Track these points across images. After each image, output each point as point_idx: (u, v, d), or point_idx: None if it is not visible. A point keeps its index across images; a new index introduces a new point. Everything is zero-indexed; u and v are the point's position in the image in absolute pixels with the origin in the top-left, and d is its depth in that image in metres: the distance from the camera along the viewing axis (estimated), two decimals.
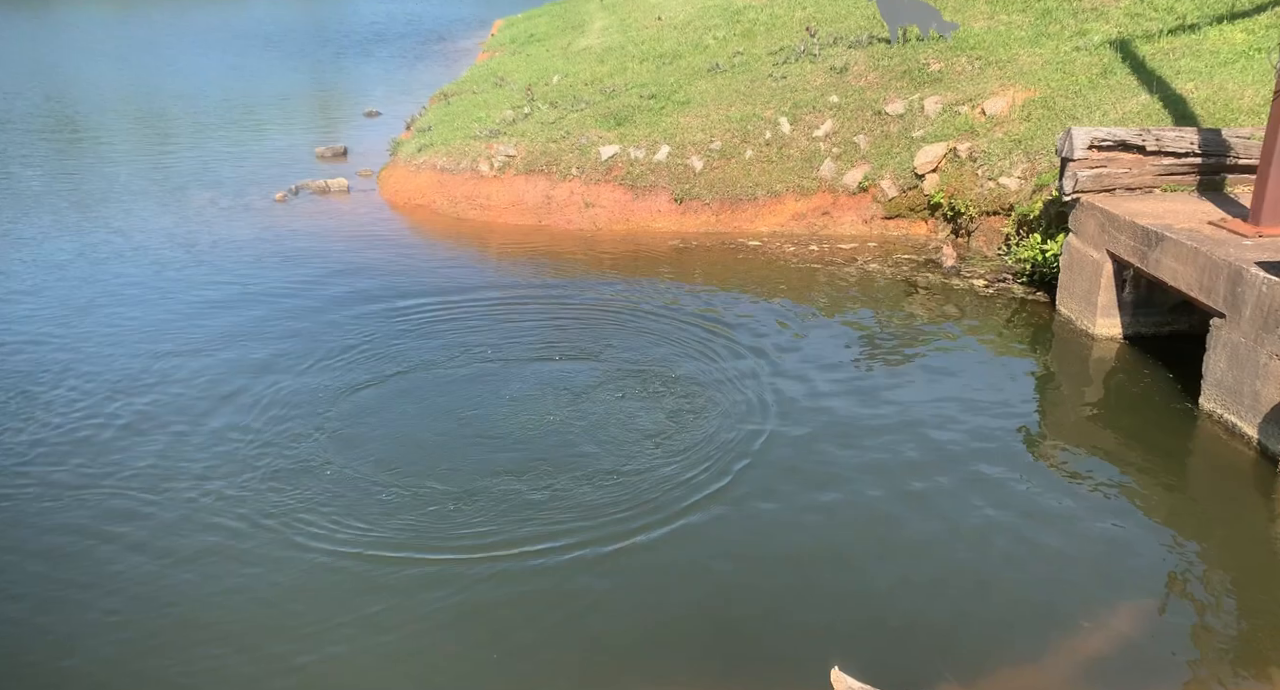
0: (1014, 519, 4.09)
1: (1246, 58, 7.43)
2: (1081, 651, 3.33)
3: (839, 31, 11.15)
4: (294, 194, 10.18)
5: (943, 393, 5.21)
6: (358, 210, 9.70)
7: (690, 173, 9.08)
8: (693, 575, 3.80)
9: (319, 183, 10.42)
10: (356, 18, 31.33)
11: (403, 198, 9.97)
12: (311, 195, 10.21)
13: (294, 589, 3.78)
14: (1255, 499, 4.24)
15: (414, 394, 5.41)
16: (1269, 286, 4.43)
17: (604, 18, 16.52)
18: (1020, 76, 8.70)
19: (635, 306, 6.79)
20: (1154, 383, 5.27)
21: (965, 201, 7.91)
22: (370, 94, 16.79)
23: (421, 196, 9.86)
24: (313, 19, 31.25)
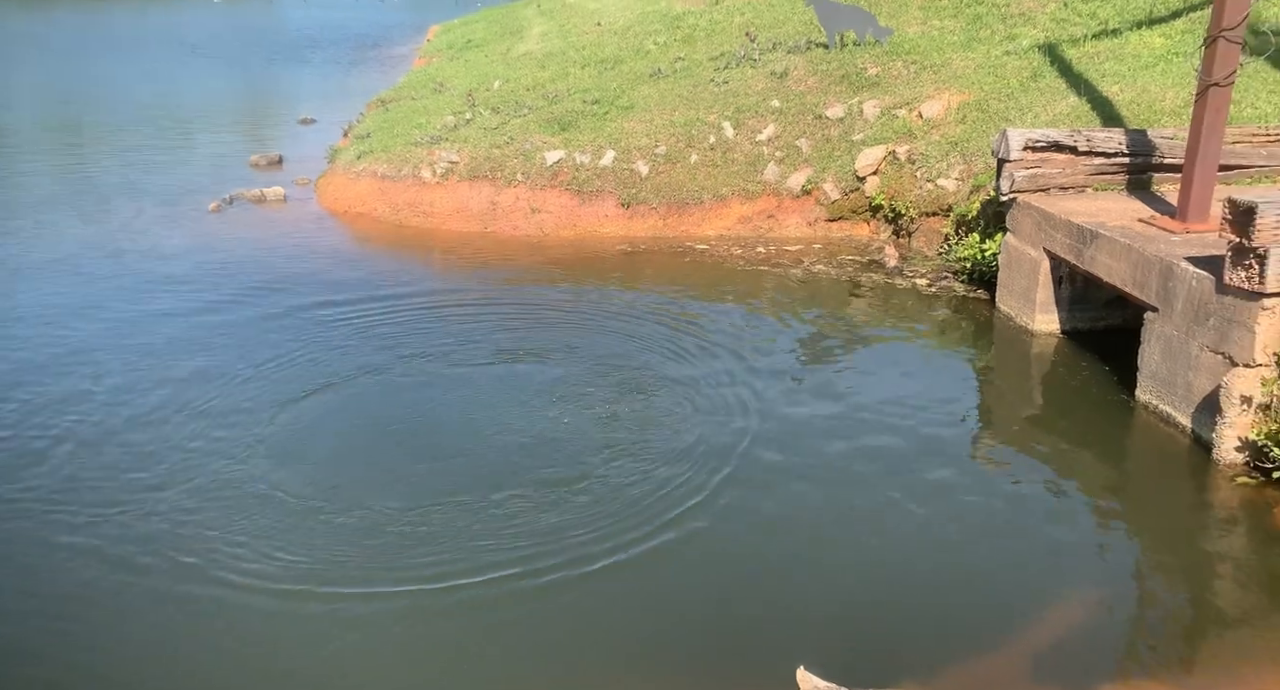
0: (961, 514, 4.17)
1: (1166, 61, 7.76)
2: (1034, 643, 3.40)
3: (778, 37, 11.30)
4: (228, 203, 9.87)
5: (887, 391, 5.30)
6: (296, 219, 9.45)
7: (636, 177, 9.08)
8: (648, 583, 3.77)
9: (254, 192, 10.13)
10: (286, 24, 30.62)
11: (343, 206, 9.75)
12: (247, 204, 9.92)
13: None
14: (1190, 486, 4.41)
15: (358, 405, 5.28)
16: (1198, 281, 4.61)
17: (542, 23, 16.45)
18: (954, 80, 8.94)
19: (584, 312, 6.75)
20: (1092, 376, 5.45)
21: (905, 203, 8.08)
22: (304, 101, 16.40)
23: (362, 204, 9.66)
24: (240, 25, 30.43)
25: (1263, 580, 3.69)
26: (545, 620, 3.57)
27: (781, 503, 4.28)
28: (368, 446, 4.83)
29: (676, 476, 4.48)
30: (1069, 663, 3.31)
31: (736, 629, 3.52)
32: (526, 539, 4.01)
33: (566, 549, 3.94)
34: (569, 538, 4.02)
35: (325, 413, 5.18)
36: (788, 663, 3.26)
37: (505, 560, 3.87)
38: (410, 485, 4.45)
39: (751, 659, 3.36)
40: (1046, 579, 3.73)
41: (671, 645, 3.46)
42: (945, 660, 3.32)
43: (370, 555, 3.93)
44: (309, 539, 4.04)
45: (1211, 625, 3.47)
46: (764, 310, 6.75)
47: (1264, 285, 4.19)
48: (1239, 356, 4.37)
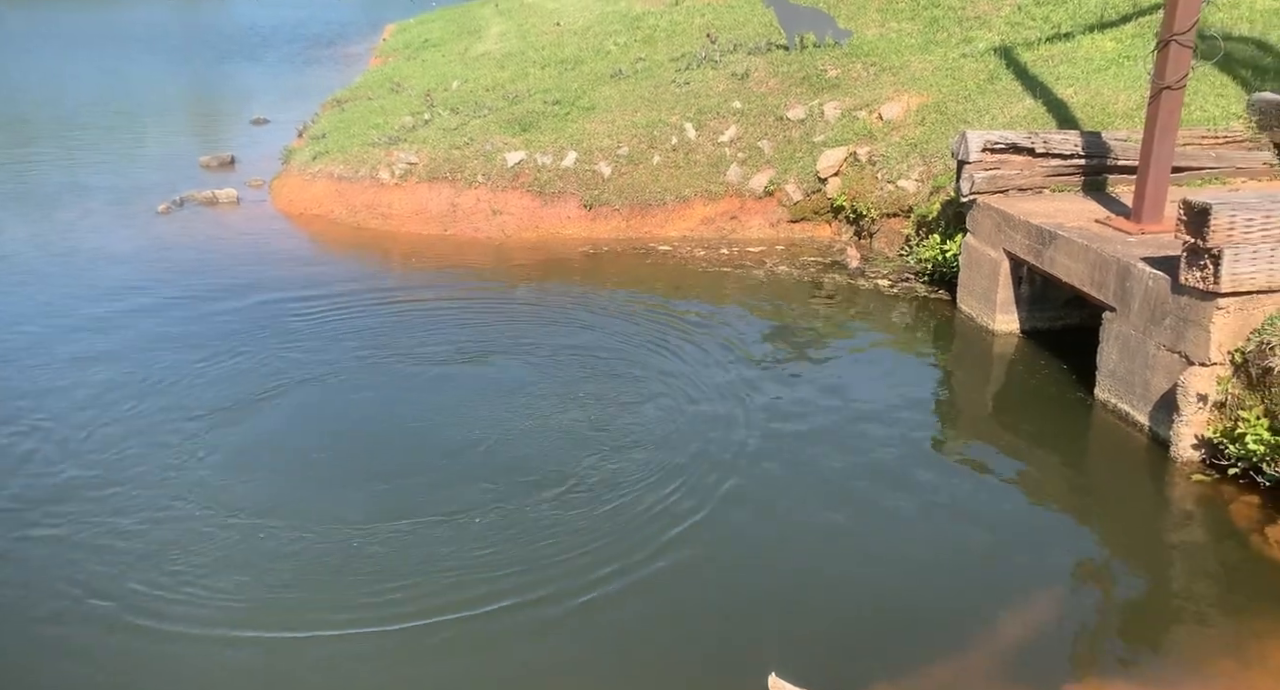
0: (924, 515, 4.18)
1: (1117, 65, 7.91)
2: (1000, 641, 3.41)
3: (738, 38, 11.32)
4: (178, 205, 9.59)
5: (850, 392, 5.31)
6: (250, 221, 9.22)
7: (599, 179, 9.02)
8: (616, 587, 3.71)
9: (206, 193, 9.86)
10: (238, 21, 29.97)
11: (298, 208, 9.54)
12: (198, 206, 9.65)
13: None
14: (1149, 483, 4.47)
15: (307, 415, 5.14)
16: (1155, 280, 4.69)
17: (501, 23, 16.30)
18: (913, 82, 9.02)
19: (546, 315, 6.67)
20: (1052, 375, 5.52)
21: (867, 204, 8.13)
22: (257, 100, 16.05)
23: (318, 206, 9.45)
24: (191, 22, 29.73)
25: (1219, 574, 3.75)
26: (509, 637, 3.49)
27: (741, 506, 4.25)
28: (321, 460, 4.69)
29: (640, 482, 4.42)
30: (1034, 660, 3.33)
31: (704, 635, 3.48)
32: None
33: (534, 565, 3.86)
34: (540, 555, 3.94)
35: (271, 424, 5.02)
36: (758, 668, 3.22)
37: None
38: (370, 504, 4.32)
39: (721, 665, 3.33)
40: (1010, 577, 3.75)
41: (633, 651, 3.40)
42: (913, 661, 3.31)
43: (329, 589, 3.69)
44: (256, 570, 3.79)
45: (1171, 618, 3.52)
46: (726, 312, 6.74)
47: (1218, 285, 4.27)
48: (1195, 355, 4.45)
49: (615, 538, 4.02)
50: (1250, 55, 7.21)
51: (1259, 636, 3.31)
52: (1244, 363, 4.29)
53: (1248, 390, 4.24)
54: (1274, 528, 3.92)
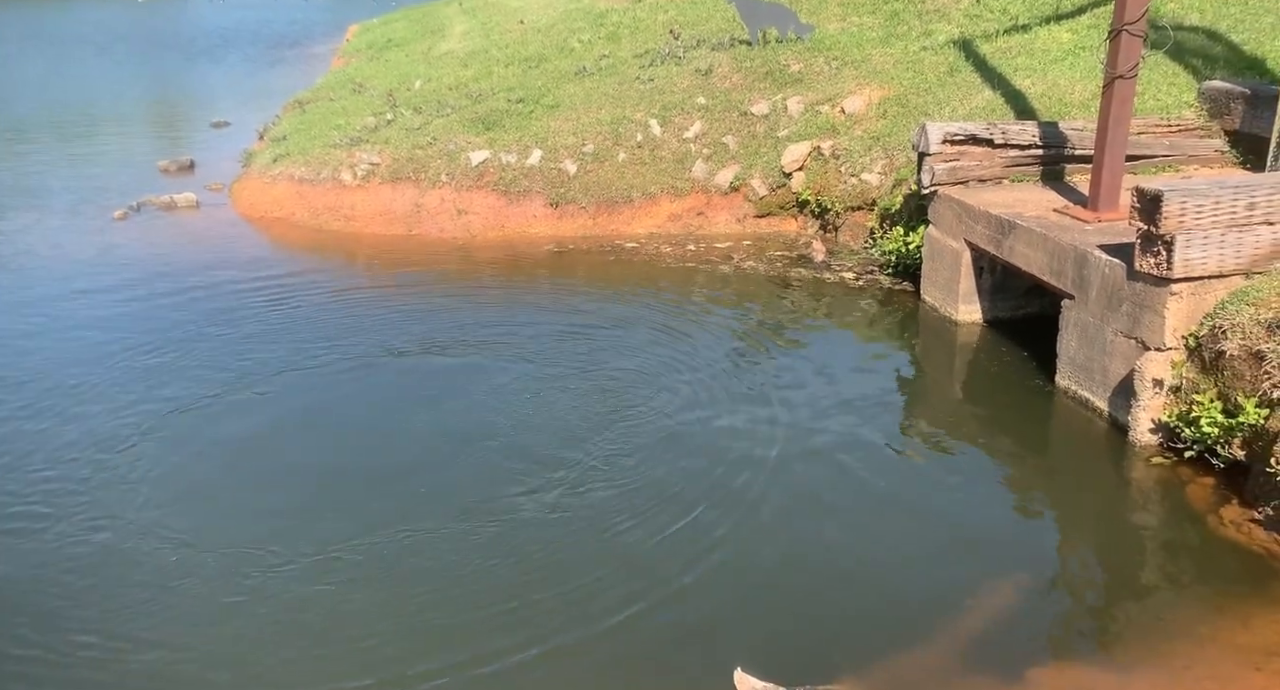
0: (892, 504, 4.20)
1: (1073, 56, 8.01)
2: (967, 629, 3.44)
3: (701, 34, 11.32)
4: (136, 210, 9.42)
5: (815, 385, 5.32)
6: (209, 226, 9.08)
7: (564, 176, 8.98)
8: (579, 585, 3.70)
9: (164, 198, 9.69)
10: (199, 23, 29.49)
11: (259, 211, 9.40)
12: (156, 211, 9.48)
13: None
14: (1109, 468, 4.53)
15: (264, 432, 5.06)
16: (1111, 268, 4.75)
17: (464, 22, 16.18)
18: (875, 76, 9.07)
19: (512, 313, 6.63)
20: (1014, 363, 5.57)
21: (831, 198, 8.16)
22: (217, 103, 15.81)
23: (279, 209, 9.32)
24: (149, 24, 29.19)
25: (1178, 556, 3.81)
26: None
27: (703, 500, 4.25)
28: (276, 483, 4.59)
29: (600, 475, 4.41)
30: (999, 647, 3.35)
31: (668, 631, 3.47)
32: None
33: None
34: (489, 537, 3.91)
35: (220, 439, 4.91)
36: (724, 664, 3.22)
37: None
38: (321, 536, 4.26)
39: (686, 661, 3.32)
40: (975, 564, 3.78)
41: (601, 650, 3.39)
42: (879, 652, 3.33)
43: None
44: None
45: (1132, 602, 3.56)
46: (695, 307, 6.73)
47: (1171, 271, 4.33)
48: (1150, 341, 4.51)
49: (573, 531, 4.00)
50: (1200, 44, 7.33)
51: (1213, 616, 3.36)
52: (1197, 347, 4.36)
53: (1201, 374, 4.31)
54: (1228, 509, 3.98)
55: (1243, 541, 3.77)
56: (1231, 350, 4.12)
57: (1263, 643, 3.19)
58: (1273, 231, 4.37)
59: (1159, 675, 3.12)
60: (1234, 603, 3.41)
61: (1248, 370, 4.04)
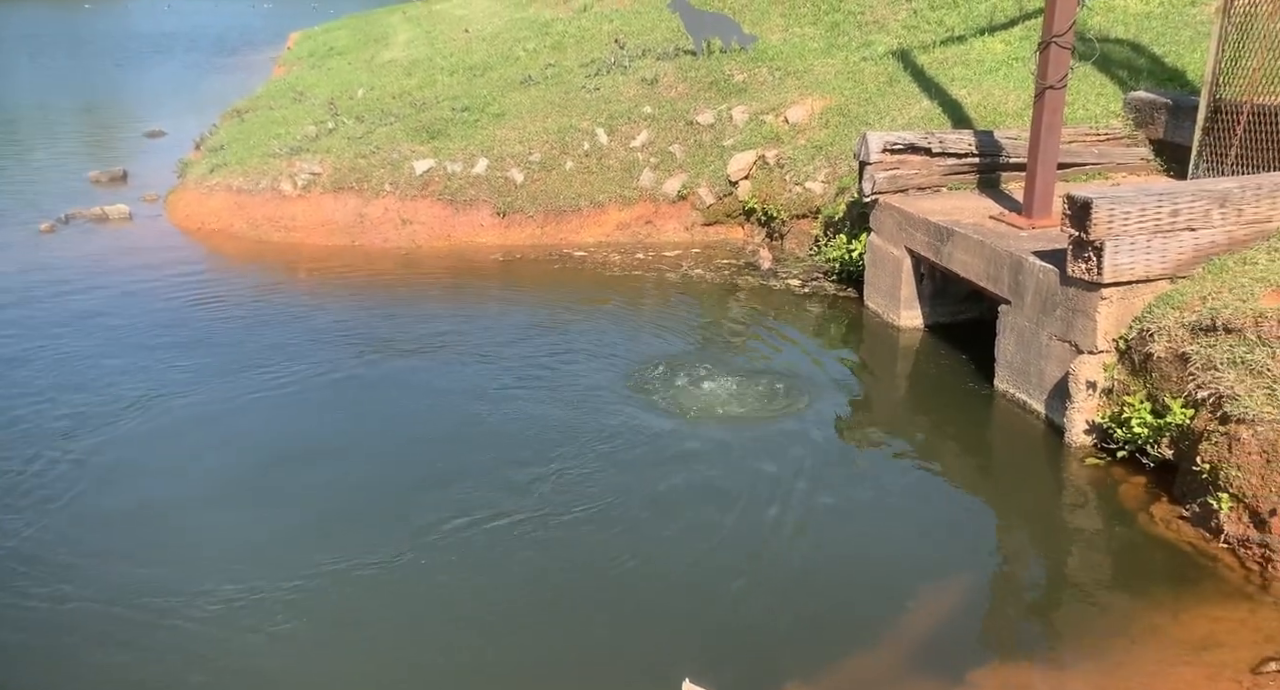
0: (832, 508, 4.24)
1: (1007, 66, 8.24)
2: (911, 632, 3.47)
3: (647, 43, 11.37)
4: (64, 223, 9.10)
5: (758, 391, 5.35)
6: (143, 238, 8.81)
7: (511, 185, 8.92)
8: (520, 599, 3.66)
9: (95, 210, 9.38)
10: (134, 29, 28.68)
11: (195, 223, 9.16)
12: (87, 224, 9.17)
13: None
14: (1046, 468, 4.64)
15: (221, 436, 4.92)
16: (1045, 273, 4.87)
17: (408, 30, 16.02)
18: (817, 86, 9.21)
19: (460, 321, 6.55)
20: (954, 368, 5.68)
21: (776, 206, 8.25)
22: (152, 112, 15.39)
23: (217, 220, 9.10)
24: (82, 30, 28.29)
25: (1112, 553, 3.91)
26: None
27: (647, 506, 4.24)
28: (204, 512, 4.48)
29: (538, 482, 4.37)
30: (943, 648, 3.40)
31: (612, 643, 3.44)
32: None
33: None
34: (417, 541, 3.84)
35: (151, 463, 4.77)
36: (671, 674, 3.20)
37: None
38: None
39: (633, 672, 3.29)
40: (919, 567, 3.83)
41: (541, 662, 3.35)
42: (825, 658, 3.34)
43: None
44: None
45: (1068, 600, 3.64)
46: (642, 315, 6.74)
47: (1101, 276, 4.46)
48: (1083, 344, 4.64)
49: (509, 539, 3.95)
50: (1126, 56, 7.59)
51: (1146, 612, 3.45)
52: (1127, 350, 4.49)
53: (1131, 376, 4.44)
54: (1158, 506, 4.10)
55: (1172, 538, 3.88)
56: (1158, 353, 4.25)
57: (1191, 637, 3.29)
58: (1194, 237, 4.53)
59: (1093, 672, 3.19)
60: (1164, 598, 3.51)
61: (1174, 372, 4.18)
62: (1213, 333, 4.06)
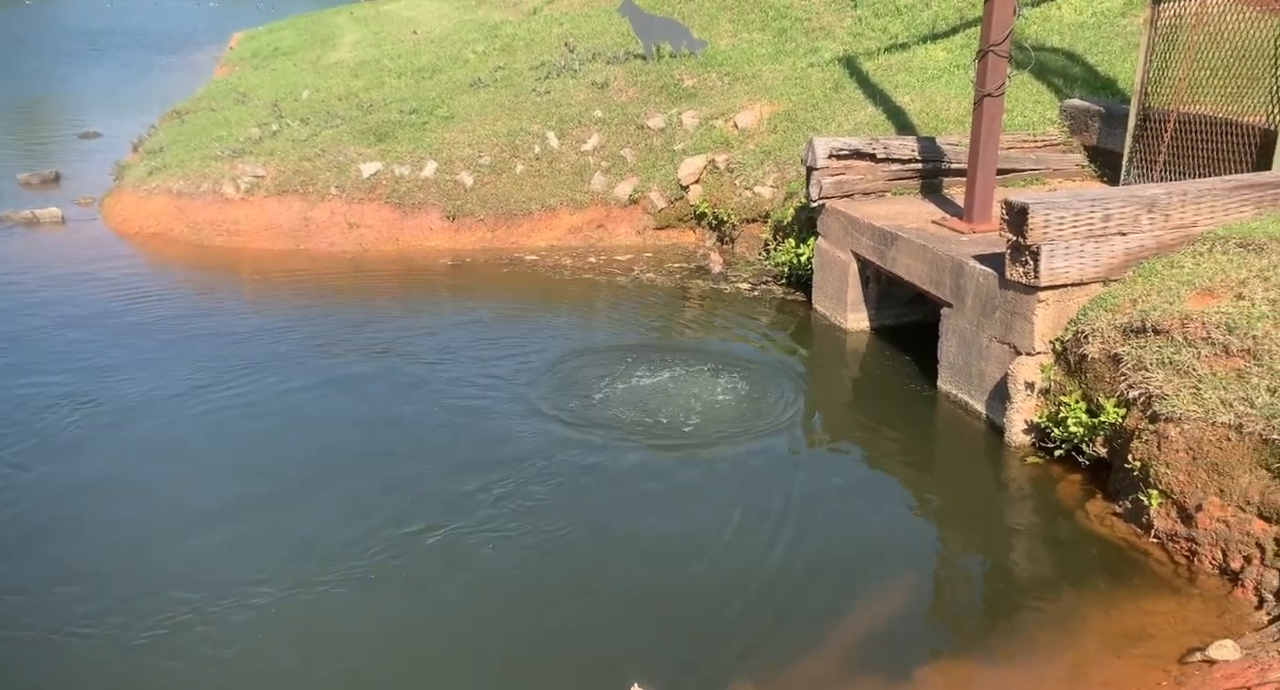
0: (780, 511, 4.27)
1: (949, 73, 8.42)
2: (856, 631, 3.52)
3: (596, 47, 11.37)
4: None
5: (705, 395, 5.38)
6: (77, 243, 8.53)
7: (461, 189, 8.84)
8: (465, 606, 3.63)
9: (24, 214, 9.05)
10: (73, 26, 27.75)
11: (133, 227, 8.90)
12: (15, 228, 8.84)
13: None
14: (987, 467, 4.74)
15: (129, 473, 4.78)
16: (985, 277, 4.99)
17: (355, 31, 15.78)
18: (765, 91, 9.31)
19: (405, 327, 6.47)
20: (898, 369, 5.79)
21: (727, 210, 8.32)
22: (87, 113, 14.91)
23: (156, 224, 8.85)
24: (19, 27, 27.29)
25: (1050, 550, 4.02)
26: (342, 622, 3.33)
27: (597, 513, 4.24)
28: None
29: (476, 486, 4.34)
30: (889, 646, 3.45)
31: (559, 650, 3.43)
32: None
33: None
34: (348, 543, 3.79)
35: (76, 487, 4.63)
36: (619, 678, 3.20)
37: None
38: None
39: (580, 678, 3.29)
40: (863, 567, 3.89)
41: (489, 671, 3.32)
42: (774, 658, 3.37)
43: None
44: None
45: (1008, 596, 3.73)
46: (593, 321, 6.73)
47: (1038, 279, 4.58)
48: (1022, 345, 4.76)
49: (450, 545, 3.92)
50: (1061, 65, 7.82)
51: (1082, 606, 3.55)
52: (1063, 351, 4.62)
53: (1068, 376, 4.57)
54: (1093, 503, 4.23)
55: (1106, 534, 4.00)
56: (1092, 354, 4.39)
57: (1123, 629, 3.39)
58: (1125, 241, 4.68)
59: (1032, 665, 3.28)
60: (1098, 592, 3.62)
61: (1107, 372, 4.31)
62: (1143, 334, 4.20)
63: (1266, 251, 4.24)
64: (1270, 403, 3.51)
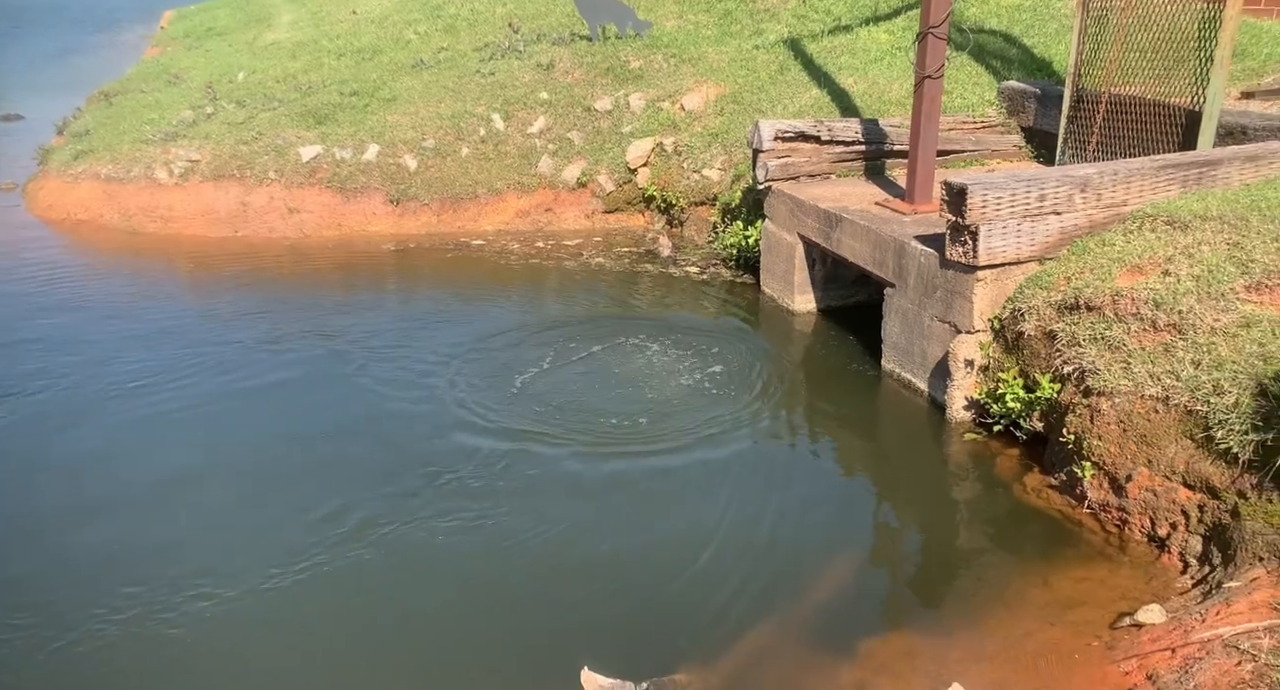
0: (729, 490, 4.32)
1: (891, 56, 8.51)
2: (803, 610, 3.57)
3: (541, 28, 11.23)
4: None
5: (656, 377, 5.40)
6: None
7: (405, 172, 8.69)
8: (418, 597, 3.60)
9: None
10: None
11: (59, 213, 8.56)
12: None
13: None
14: (930, 444, 4.84)
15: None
16: (926, 257, 5.07)
17: (293, 10, 15.33)
18: (711, 73, 9.30)
19: (345, 315, 6.35)
20: (844, 350, 5.87)
21: (675, 193, 8.31)
22: (7, 94, 14.25)
23: (84, 211, 8.53)
24: None
25: (989, 523, 4.12)
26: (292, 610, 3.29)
27: (535, 496, 4.23)
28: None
29: (409, 471, 4.31)
30: (835, 622, 3.51)
31: (507, 636, 3.42)
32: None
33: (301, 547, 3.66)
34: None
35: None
36: (570, 664, 3.21)
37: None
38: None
39: (531, 664, 3.29)
40: (809, 544, 3.95)
41: (437, 656, 3.31)
42: (723, 637, 3.41)
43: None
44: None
45: (950, 569, 3.82)
46: (540, 307, 6.68)
47: (977, 259, 4.67)
48: (961, 324, 4.86)
49: (391, 536, 3.88)
50: (999, 47, 7.95)
51: (1019, 577, 3.66)
52: (1001, 329, 4.73)
53: (1005, 354, 4.68)
54: (1031, 477, 4.35)
55: (1042, 506, 4.12)
56: (1029, 331, 4.49)
57: (1058, 598, 3.50)
58: (1060, 220, 4.79)
59: (972, 636, 3.37)
60: (1035, 563, 3.73)
61: (1043, 349, 4.42)
62: (1076, 311, 4.32)
63: (1191, 229, 4.38)
64: (1194, 375, 3.64)
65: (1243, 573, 3.23)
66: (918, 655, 3.31)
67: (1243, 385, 3.43)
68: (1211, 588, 3.32)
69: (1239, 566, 3.28)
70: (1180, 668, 2.85)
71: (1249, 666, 2.66)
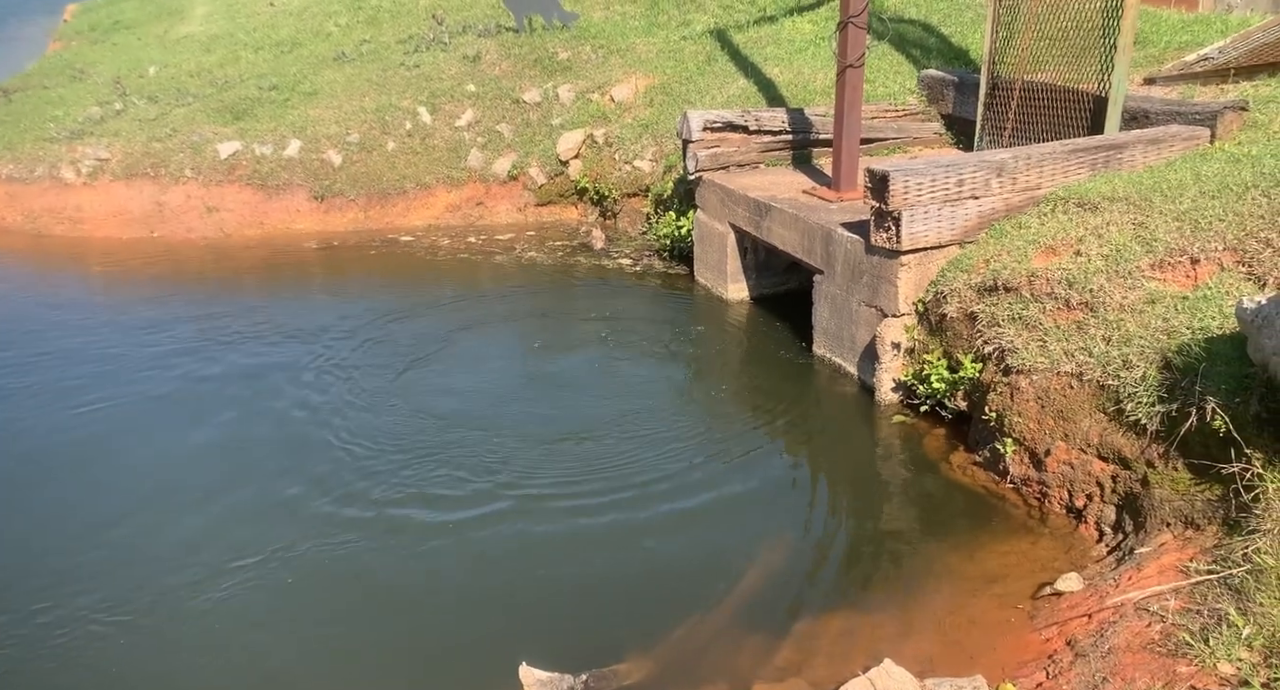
0: (660, 480, 4.34)
1: (815, 45, 8.62)
2: (740, 595, 3.61)
3: (466, 19, 11.06)
4: None
5: (591, 369, 5.40)
6: None
7: (329, 168, 8.48)
8: (351, 594, 3.53)
9: None
10: None
11: None
12: None
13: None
14: (860, 426, 4.94)
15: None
16: (852, 244, 5.16)
17: (207, 3, 14.80)
18: (640, 64, 9.29)
19: (265, 317, 6.17)
20: (776, 336, 5.94)
21: (608, 185, 8.29)
22: None
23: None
24: None
25: (918, 501, 4.23)
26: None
27: (467, 493, 4.20)
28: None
29: (356, 465, 4.23)
30: (772, 605, 3.56)
31: (444, 633, 3.39)
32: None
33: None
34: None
35: None
36: (509, 660, 3.19)
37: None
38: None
39: (469, 661, 3.26)
40: (746, 529, 3.99)
41: (375, 655, 3.25)
42: (662, 626, 3.43)
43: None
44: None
45: (882, 548, 3.91)
46: (471, 305, 6.60)
47: (900, 244, 4.77)
48: (887, 308, 4.96)
49: (336, 529, 3.81)
50: (919, 36, 8.13)
51: (946, 552, 3.77)
52: (925, 312, 4.84)
53: (930, 336, 4.80)
54: (957, 455, 4.47)
55: (967, 483, 4.25)
56: (951, 313, 4.62)
57: (983, 571, 3.62)
58: (978, 205, 4.93)
59: (901, 611, 3.45)
60: (962, 538, 3.85)
61: (965, 330, 4.55)
62: (995, 292, 4.45)
63: (1100, 210, 4.55)
64: (1105, 351, 3.79)
65: (1152, 538, 3.38)
66: (852, 633, 3.38)
67: (1149, 359, 3.58)
68: (1124, 554, 3.46)
69: (1149, 533, 3.43)
70: (1096, 632, 2.97)
71: (1158, 627, 2.79)
